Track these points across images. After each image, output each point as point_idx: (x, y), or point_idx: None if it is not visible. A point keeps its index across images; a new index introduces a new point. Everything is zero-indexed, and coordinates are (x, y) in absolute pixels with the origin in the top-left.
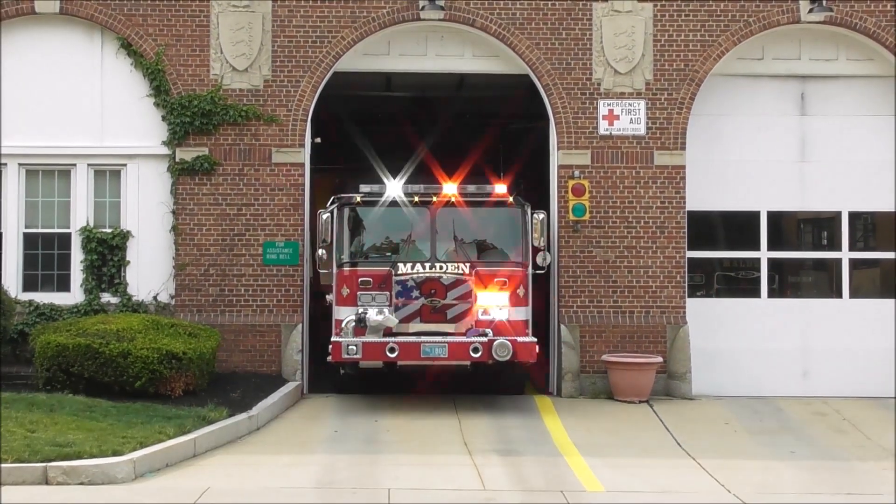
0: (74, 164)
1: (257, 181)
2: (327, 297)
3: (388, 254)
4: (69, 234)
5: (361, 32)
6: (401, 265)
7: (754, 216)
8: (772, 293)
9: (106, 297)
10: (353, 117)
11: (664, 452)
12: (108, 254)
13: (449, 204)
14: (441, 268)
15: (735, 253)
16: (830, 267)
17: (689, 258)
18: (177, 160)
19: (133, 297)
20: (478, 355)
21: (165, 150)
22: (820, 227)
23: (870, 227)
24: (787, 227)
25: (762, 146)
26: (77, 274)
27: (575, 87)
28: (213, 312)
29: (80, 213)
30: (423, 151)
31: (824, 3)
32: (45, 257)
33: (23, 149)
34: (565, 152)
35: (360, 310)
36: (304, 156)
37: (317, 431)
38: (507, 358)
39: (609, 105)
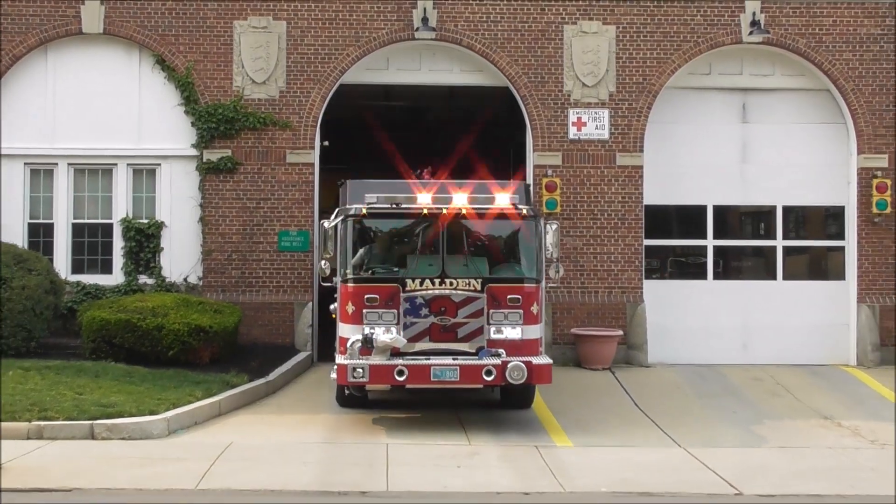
0: (115, 164)
1: (273, 179)
2: (333, 279)
3: (396, 269)
4: (111, 225)
5: (364, 50)
6: (409, 281)
7: (702, 209)
8: (716, 276)
9: (143, 279)
10: (357, 123)
11: (624, 412)
12: (144, 241)
13: (459, 215)
14: (451, 284)
15: (685, 241)
16: (767, 253)
17: (645, 246)
18: (204, 160)
19: (166, 279)
20: (491, 378)
21: (194, 152)
22: (758, 219)
23: (801, 220)
24: (729, 219)
25: (709, 149)
26: (118, 259)
27: (548, 98)
28: (235, 292)
29: (121, 206)
30: (419, 154)
31: (762, 26)
32: (90, 244)
33: (71, 150)
34: (540, 154)
35: (367, 330)
36: (314, 157)
37: (325, 394)
38: (522, 381)
39: (578, 113)
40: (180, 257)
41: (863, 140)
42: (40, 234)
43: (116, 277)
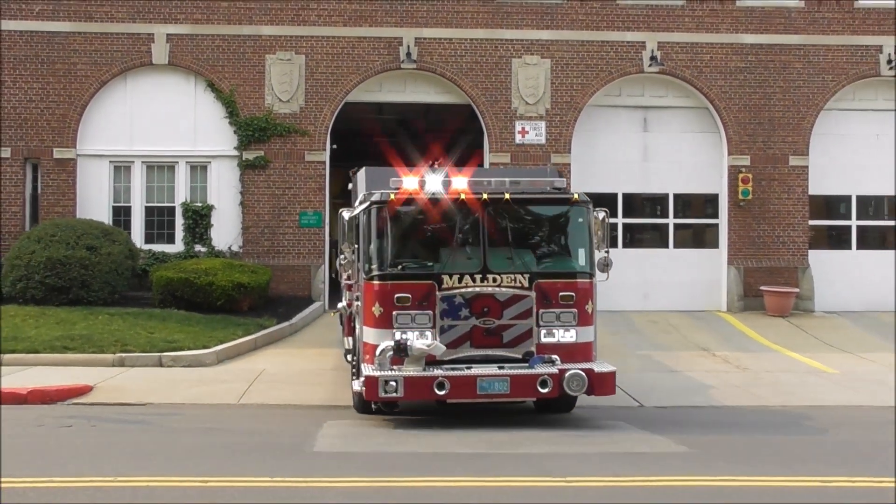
0: (177, 161)
1: (295, 173)
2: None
3: (429, 263)
4: (174, 207)
5: (362, 77)
6: (445, 277)
7: (614, 196)
8: (625, 245)
9: (198, 248)
10: (358, 131)
11: None
12: (199, 219)
13: (502, 202)
14: (495, 280)
15: None
16: (661, 228)
17: None
18: (243, 159)
19: (215, 247)
20: (546, 390)
21: (236, 153)
22: (655, 203)
23: (686, 204)
24: (634, 203)
25: (620, 151)
26: (179, 232)
27: (500, 113)
28: (266, 257)
29: (181, 193)
30: (405, 155)
31: (659, 60)
32: (158, 222)
33: (144, 151)
34: (494, 154)
35: (399, 335)
36: (326, 156)
37: (334, 334)
38: (581, 392)
39: (522, 124)
40: (226, 231)
41: (732, 145)
42: (121, 214)
43: (178, 246)
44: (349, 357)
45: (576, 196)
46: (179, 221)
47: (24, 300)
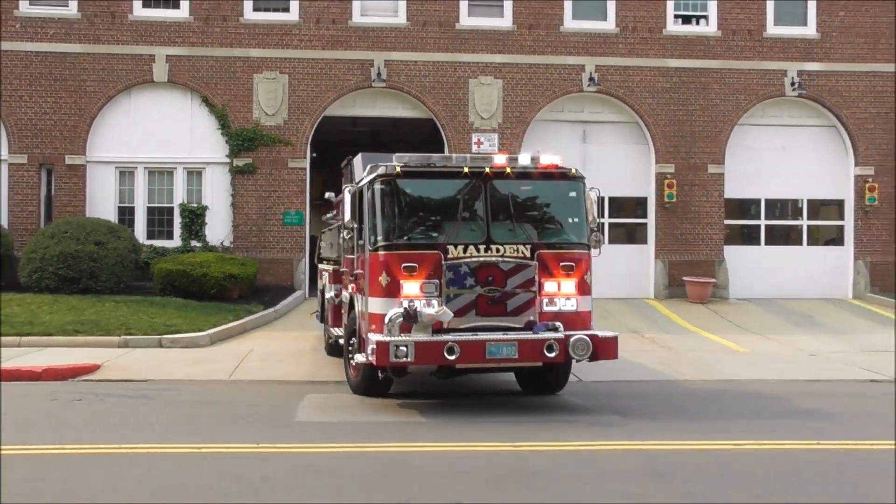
0: (175, 167)
1: (279, 178)
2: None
3: (435, 234)
4: (172, 207)
5: (338, 94)
6: (451, 247)
7: None
8: None
9: (194, 243)
10: (334, 141)
11: None
12: (194, 218)
13: (503, 175)
14: (498, 250)
15: None
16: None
17: None
18: (234, 165)
19: (209, 243)
20: (552, 355)
21: (227, 160)
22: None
23: (620, 206)
24: None
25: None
26: (177, 229)
27: (459, 126)
28: (254, 251)
29: (179, 195)
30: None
31: (596, 81)
32: (158, 220)
33: (146, 158)
34: None
35: (408, 302)
36: (306, 163)
37: (315, 320)
38: (586, 357)
39: (478, 136)
40: (218, 229)
41: (659, 154)
42: (126, 214)
43: (176, 242)
44: (341, 342)
45: (573, 171)
46: (177, 220)
47: (40, 289)
